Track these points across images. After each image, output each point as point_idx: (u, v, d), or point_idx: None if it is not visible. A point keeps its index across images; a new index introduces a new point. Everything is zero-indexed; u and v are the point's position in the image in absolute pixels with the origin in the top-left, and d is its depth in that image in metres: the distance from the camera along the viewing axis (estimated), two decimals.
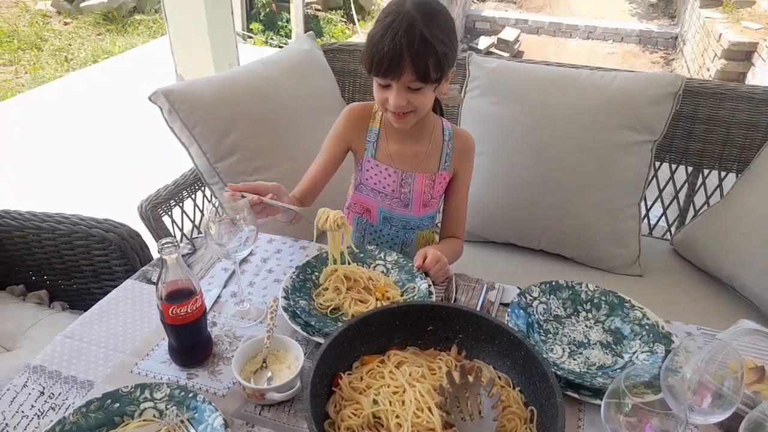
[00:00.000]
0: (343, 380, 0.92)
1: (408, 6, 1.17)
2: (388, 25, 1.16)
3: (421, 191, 1.42)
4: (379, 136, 1.41)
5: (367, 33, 1.45)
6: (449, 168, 1.44)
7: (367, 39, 1.22)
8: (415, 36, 1.14)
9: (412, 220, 1.46)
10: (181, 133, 1.65)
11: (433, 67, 1.17)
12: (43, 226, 1.55)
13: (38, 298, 1.62)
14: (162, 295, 0.95)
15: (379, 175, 1.41)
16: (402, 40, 1.14)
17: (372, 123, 1.41)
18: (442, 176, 1.43)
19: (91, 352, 1.05)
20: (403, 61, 1.16)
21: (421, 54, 1.15)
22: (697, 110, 1.77)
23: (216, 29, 3.78)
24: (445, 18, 1.21)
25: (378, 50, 1.17)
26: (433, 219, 1.51)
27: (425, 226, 1.49)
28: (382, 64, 1.17)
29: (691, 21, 6.55)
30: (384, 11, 1.22)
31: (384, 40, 1.16)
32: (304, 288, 1.19)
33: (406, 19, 1.15)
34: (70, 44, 5.69)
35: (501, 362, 0.97)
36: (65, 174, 3.36)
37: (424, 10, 1.17)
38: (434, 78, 1.19)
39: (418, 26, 1.15)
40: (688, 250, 1.80)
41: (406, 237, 1.48)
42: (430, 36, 1.15)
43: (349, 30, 5.98)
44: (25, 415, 0.94)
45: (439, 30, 1.17)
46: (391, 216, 1.45)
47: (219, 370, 1.02)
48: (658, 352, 1.03)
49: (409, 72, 1.17)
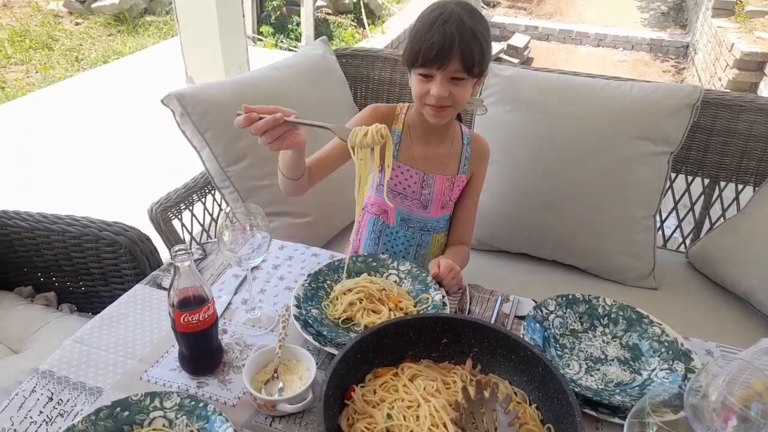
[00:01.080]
0: (356, 393, 0.90)
1: (452, 4, 1.23)
2: (437, 17, 1.21)
3: (440, 192, 1.43)
4: (401, 138, 1.41)
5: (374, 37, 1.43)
6: (467, 171, 1.46)
7: (412, 33, 1.26)
8: (465, 28, 1.19)
9: (429, 221, 1.46)
10: (193, 136, 1.64)
11: (477, 60, 1.21)
12: (52, 227, 1.54)
13: (46, 300, 1.61)
14: (174, 302, 0.94)
15: (401, 176, 1.41)
16: (454, 29, 1.18)
17: (395, 124, 1.41)
18: (460, 179, 1.45)
19: (100, 358, 1.04)
20: (453, 49, 1.19)
21: (470, 44, 1.19)
22: (714, 122, 1.74)
23: (227, 32, 3.78)
24: (484, 18, 1.27)
25: (427, 39, 1.20)
26: (448, 222, 1.52)
27: (440, 229, 1.49)
28: (430, 52, 1.20)
29: (702, 30, 6.52)
30: (427, 10, 1.26)
31: (433, 28, 1.20)
32: (316, 297, 1.17)
33: (455, 13, 1.20)
34: (81, 44, 5.71)
35: (517, 377, 0.95)
36: (75, 175, 3.36)
37: (467, 8, 1.23)
38: (477, 72, 1.23)
39: (466, 20, 1.20)
40: (703, 264, 1.77)
41: (422, 239, 1.47)
42: (477, 30, 1.21)
43: (359, 34, 5.97)
44: (33, 421, 0.92)
45: (482, 27, 1.23)
46: (410, 217, 1.45)
47: (229, 379, 1.01)
48: (678, 370, 1.00)
49: (456, 61, 1.20)
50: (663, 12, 8.52)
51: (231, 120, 1.63)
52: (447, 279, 1.22)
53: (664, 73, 6.90)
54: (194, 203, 1.76)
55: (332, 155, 1.36)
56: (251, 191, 1.68)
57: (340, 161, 1.37)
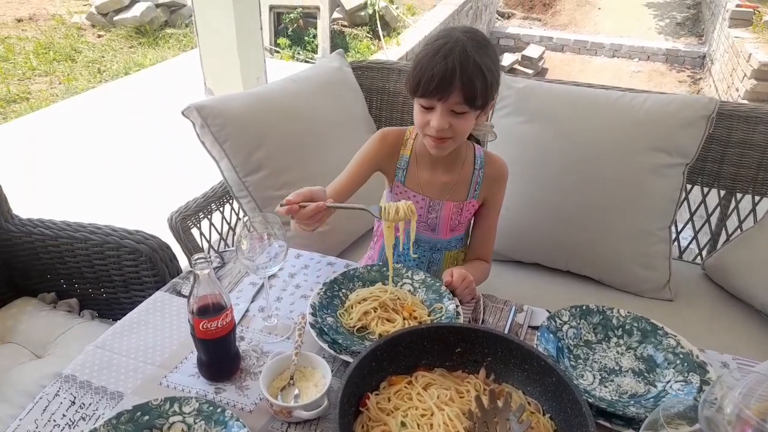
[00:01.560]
0: (371, 401, 0.91)
1: (458, 33, 1.20)
2: (440, 47, 1.19)
3: (448, 218, 1.42)
4: (409, 163, 1.41)
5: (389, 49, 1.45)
6: (479, 196, 1.43)
7: (415, 61, 1.24)
8: (468, 59, 1.17)
9: (439, 242, 1.46)
10: (212, 147, 1.68)
11: (480, 93, 1.19)
12: (75, 235, 1.58)
13: (69, 306, 1.65)
14: (193, 309, 0.96)
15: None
16: (455, 61, 1.16)
17: (403, 150, 1.41)
18: (470, 204, 1.42)
19: (121, 363, 1.07)
20: (454, 82, 1.17)
21: (472, 77, 1.17)
22: (730, 133, 1.74)
23: (245, 44, 3.85)
24: (492, 49, 1.24)
25: (428, 69, 1.18)
26: (462, 240, 1.51)
27: (453, 247, 1.48)
28: (431, 83, 1.18)
29: (719, 40, 6.48)
30: (433, 38, 1.24)
31: (435, 59, 1.18)
32: (332, 305, 1.19)
33: (460, 44, 1.18)
34: (103, 56, 5.84)
35: (531, 387, 0.96)
36: (97, 184, 3.43)
37: (474, 38, 1.20)
38: (479, 104, 1.21)
39: (470, 51, 1.17)
40: (720, 276, 1.76)
41: (433, 257, 1.48)
42: (482, 62, 1.18)
43: (374, 46, 6.03)
44: (56, 424, 0.95)
45: (488, 58, 1.20)
46: (419, 238, 1.44)
47: (246, 386, 1.02)
48: (693, 382, 1.00)
49: (456, 94, 1.18)
50: (678, 22, 8.48)
51: (249, 131, 1.69)
52: (460, 288, 1.23)
53: (680, 83, 6.86)
54: (213, 212, 1.80)
55: (357, 181, 1.39)
56: (268, 201, 1.71)
57: (363, 182, 1.41)
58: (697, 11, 8.74)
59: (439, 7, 6.34)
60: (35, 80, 5.23)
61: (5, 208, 1.63)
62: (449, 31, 1.22)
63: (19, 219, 1.64)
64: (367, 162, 1.41)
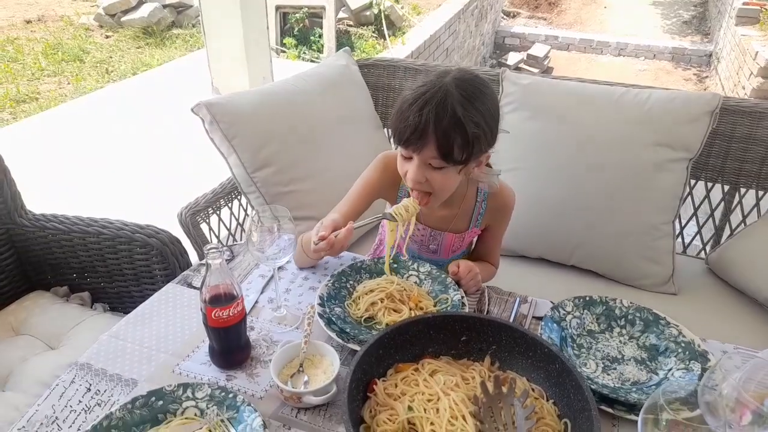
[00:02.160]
0: (378, 386, 0.94)
1: (448, 79, 1.11)
2: (421, 94, 1.11)
3: (449, 245, 1.41)
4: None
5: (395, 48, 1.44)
6: (481, 224, 1.40)
7: (397, 104, 1.16)
8: (445, 111, 1.08)
9: (440, 260, 1.45)
10: (221, 143, 1.70)
11: (459, 148, 1.10)
12: (88, 230, 1.61)
13: (81, 300, 1.68)
14: (205, 298, 0.99)
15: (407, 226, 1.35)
16: (430, 114, 1.08)
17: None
18: (472, 232, 1.41)
19: (134, 352, 1.09)
20: (427, 136, 1.09)
21: (448, 132, 1.08)
22: (734, 129, 1.75)
23: (251, 44, 3.89)
24: (486, 99, 1.13)
25: (403, 119, 1.11)
26: (464, 253, 1.49)
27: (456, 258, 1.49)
28: (404, 134, 1.12)
29: (726, 38, 6.46)
30: (420, 82, 1.16)
31: (412, 108, 1.10)
32: (339, 296, 1.21)
33: (441, 92, 1.09)
34: (111, 57, 5.89)
35: (534, 374, 0.98)
36: (108, 180, 3.48)
37: (463, 86, 1.11)
38: (459, 159, 1.12)
39: (451, 102, 1.08)
40: (723, 270, 1.77)
41: None
42: (463, 114, 1.08)
43: (379, 45, 6.05)
44: (73, 410, 0.98)
45: (475, 110, 1.10)
46: (420, 258, 1.40)
47: (257, 373, 1.05)
48: (694, 370, 1.02)
49: (431, 148, 1.11)
50: (685, 20, 8.46)
51: (258, 128, 1.72)
52: (465, 279, 1.25)
53: (685, 81, 6.85)
54: (221, 208, 1.83)
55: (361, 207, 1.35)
56: (276, 197, 1.74)
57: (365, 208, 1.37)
58: (703, 9, 8.72)
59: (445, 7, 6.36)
60: (44, 80, 5.28)
61: (19, 204, 1.67)
62: (441, 75, 1.13)
63: (32, 214, 1.68)
64: (369, 189, 1.36)
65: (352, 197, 1.36)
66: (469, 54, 6.98)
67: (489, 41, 7.72)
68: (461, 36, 6.55)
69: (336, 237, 1.10)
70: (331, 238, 1.10)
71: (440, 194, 1.21)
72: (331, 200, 1.42)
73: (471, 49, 7.02)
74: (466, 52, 6.85)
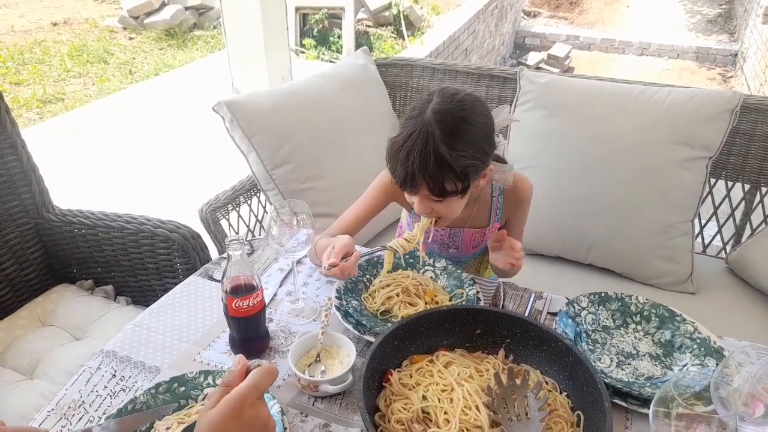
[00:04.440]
0: (394, 376, 0.96)
1: (428, 115, 1.10)
2: (404, 141, 1.11)
3: (470, 240, 1.42)
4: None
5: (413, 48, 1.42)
6: (501, 219, 1.41)
7: (389, 144, 1.16)
8: (428, 156, 1.07)
9: (462, 257, 1.47)
10: (241, 141, 1.74)
11: (452, 183, 1.11)
12: (112, 225, 1.65)
13: (105, 293, 1.73)
14: (227, 288, 1.02)
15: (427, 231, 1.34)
16: (415, 161, 1.08)
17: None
18: (493, 228, 1.41)
19: (158, 341, 1.13)
20: (417, 181, 1.11)
21: (436, 174, 1.09)
22: (755, 127, 1.73)
23: (271, 45, 3.93)
24: (471, 125, 1.11)
25: (393, 167, 1.14)
26: (485, 248, 1.50)
27: (477, 256, 1.51)
28: (397, 181, 1.15)
29: (752, 37, 6.35)
30: (410, 111, 1.15)
31: (399, 156, 1.11)
32: (356, 289, 1.23)
33: (422, 135, 1.08)
34: (134, 58, 6.01)
35: (548, 367, 0.99)
36: (131, 177, 3.56)
37: (445, 120, 1.09)
38: (454, 191, 1.12)
39: (434, 144, 1.07)
40: (743, 270, 1.76)
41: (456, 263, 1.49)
42: (448, 154, 1.07)
43: (398, 46, 6.07)
44: (98, 395, 1.01)
45: (460, 142, 1.09)
46: (440, 254, 1.41)
47: (275, 363, 1.08)
48: (710, 366, 1.02)
49: (424, 188, 1.13)
50: (710, 19, 8.32)
51: (277, 126, 1.75)
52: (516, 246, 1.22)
53: (709, 80, 6.74)
54: (241, 205, 1.86)
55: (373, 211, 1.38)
56: (294, 194, 1.77)
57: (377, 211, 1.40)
58: (729, 8, 8.56)
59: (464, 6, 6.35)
60: (70, 81, 5.41)
61: (47, 200, 1.72)
62: (421, 109, 1.12)
63: (59, 209, 1.73)
64: (384, 193, 1.38)
65: (362, 201, 1.39)
66: (489, 54, 6.96)
67: (509, 41, 7.68)
68: (480, 36, 6.54)
69: (345, 263, 1.12)
70: (342, 265, 1.12)
71: (449, 216, 1.23)
72: (347, 198, 1.44)
73: (490, 49, 7.00)
74: (485, 52, 6.83)
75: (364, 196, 1.40)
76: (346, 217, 1.39)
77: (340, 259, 1.12)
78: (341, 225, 1.38)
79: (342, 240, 1.15)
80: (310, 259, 1.37)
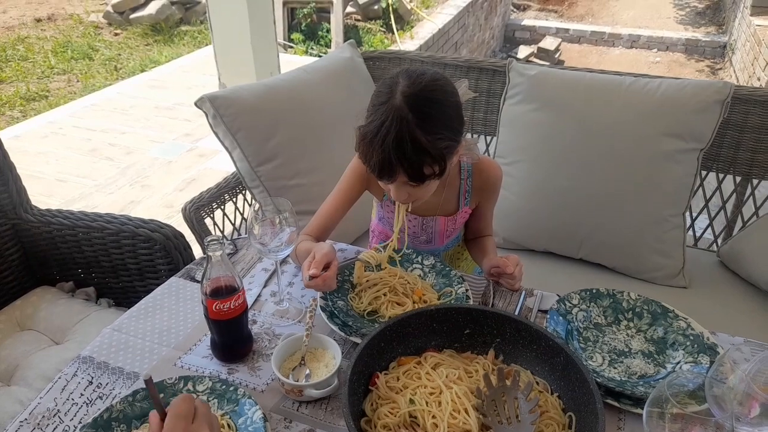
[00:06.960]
0: (380, 379, 0.93)
1: (398, 100, 1.06)
2: (379, 125, 1.06)
3: (443, 229, 1.40)
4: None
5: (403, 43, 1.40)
6: (470, 203, 1.39)
7: (359, 134, 1.12)
8: (405, 143, 1.04)
9: (435, 249, 1.44)
10: (225, 137, 1.70)
11: (430, 167, 1.08)
12: (92, 225, 1.61)
13: (86, 295, 1.69)
14: (206, 290, 0.98)
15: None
16: (391, 150, 1.05)
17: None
18: (464, 212, 1.39)
19: (137, 345, 1.09)
20: (394, 169, 1.08)
21: (412, 161, 1.06)
22: (746, 119, 1.71)
23: (259, 39, 3.87)
24: (443, 105, 1.09)
25: (368, 157, 1.10)
26: (458, 238, 1.49)
27: (450, 247, 1.48)
28: (374, 170, 1.11)
29: (740, 29, 6.36)
30: (376, 97, 1.11)
31: (374, 145, 1.07)
32: (342, 289, 1.20)
33: (396, 121, 1.05)
34: (119, 54, 5.92)
35: (539, 367, 0.96)
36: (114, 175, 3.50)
37: (416, 103, 1.06)
38: (432, 176, 1.10)
39: (409, 130, 1.04)
40: (735, 263, 1.74)
41: None
42: (424, 139, 1.05)
43: (388, 40, 6.02)
44: (74, 403, 0.98)
45: (435, 125, 1.07)
46: (416, 251, 1.37)
47: (258, 366, 1.04)
48: (703, 363, 1.00)
49: (402, 175, 1.09)
50: (698, 11, 8.34)
51: (261, 121, 1.71)
52: (518, 272, 1.21)
53: (698, 73, 6.75)
54: (225, 203, 1.82)
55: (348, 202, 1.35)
56: (280, 191, 1.73)
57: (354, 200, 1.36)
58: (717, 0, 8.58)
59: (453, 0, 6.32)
60: (54, 78, 5.33)
61: (24, 200, 1.67)
62: (389, 93, 1.08)
63: (37, 209, 1.68)
64: (357, 179, 1.35)
65: (337, 191, 1.36)
66: (479, 48, 6.93)
67: (499, 35, 7.66)
68: (470, 29, 6.51)
69: (326, 273, 1.09)
70: (324, 275, 1.09)
71: (425, 197, 1.21)
72: None
73: (480, 43, 6.97)
74: (475, 45, 6.80)
75: (338, 188, 1.36)
76: (322, 211, 1.35)
77: (321, 268, 1.09)
78: (319, 221, 1.35)
79: (323, 249, 1.11)
80: (292, 260, 1.33)
